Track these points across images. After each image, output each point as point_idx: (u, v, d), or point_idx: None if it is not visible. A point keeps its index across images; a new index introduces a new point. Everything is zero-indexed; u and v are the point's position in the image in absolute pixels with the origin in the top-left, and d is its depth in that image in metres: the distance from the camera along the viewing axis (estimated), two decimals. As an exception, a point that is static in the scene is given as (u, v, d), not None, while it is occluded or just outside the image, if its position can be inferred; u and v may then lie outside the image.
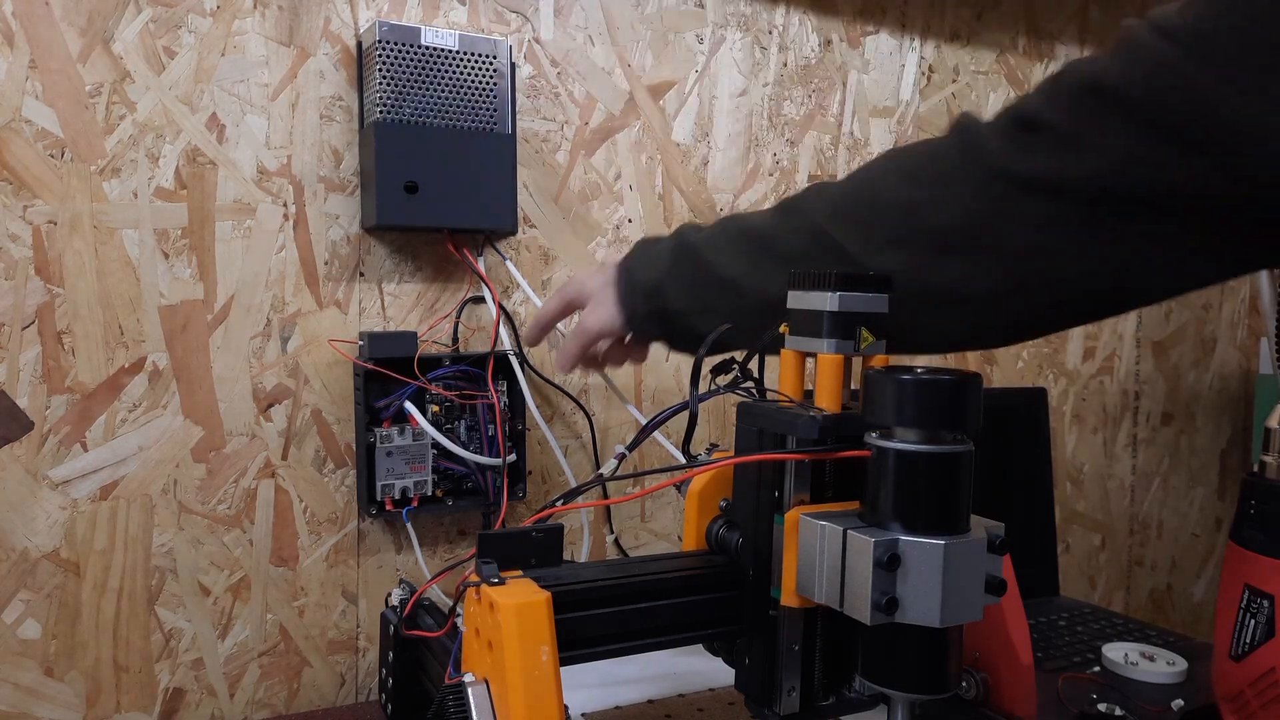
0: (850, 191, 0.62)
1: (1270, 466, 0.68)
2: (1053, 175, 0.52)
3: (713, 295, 0.67)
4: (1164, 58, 0.48)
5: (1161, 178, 0.49)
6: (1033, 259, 0.54)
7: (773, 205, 0.68)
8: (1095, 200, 0.51)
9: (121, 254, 0.79)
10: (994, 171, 0.54)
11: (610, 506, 1.00)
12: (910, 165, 0.60)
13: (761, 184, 1.09)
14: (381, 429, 0.85)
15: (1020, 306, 0.57)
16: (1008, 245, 0.54)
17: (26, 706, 0.77)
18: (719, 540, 0.58)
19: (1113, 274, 0.53)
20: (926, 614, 0.46)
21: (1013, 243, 0.54)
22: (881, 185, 0.60)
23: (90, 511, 0.78)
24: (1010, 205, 0.54)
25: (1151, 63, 0.49)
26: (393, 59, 0.82)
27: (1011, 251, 0.54)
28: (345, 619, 0.89)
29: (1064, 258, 0.54)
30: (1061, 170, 0.52)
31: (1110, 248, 0.52)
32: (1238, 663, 0.66)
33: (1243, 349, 1.54)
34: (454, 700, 0.49)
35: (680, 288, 0.70)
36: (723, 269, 0.66)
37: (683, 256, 0.70)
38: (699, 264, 0.68)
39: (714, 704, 0.73)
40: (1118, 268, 0.53)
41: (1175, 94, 0.48)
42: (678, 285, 0.70)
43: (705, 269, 0.68)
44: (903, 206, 0.58)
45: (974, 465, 0.48)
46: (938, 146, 0.58)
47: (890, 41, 1.17)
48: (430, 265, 0.91)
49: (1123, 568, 1.44)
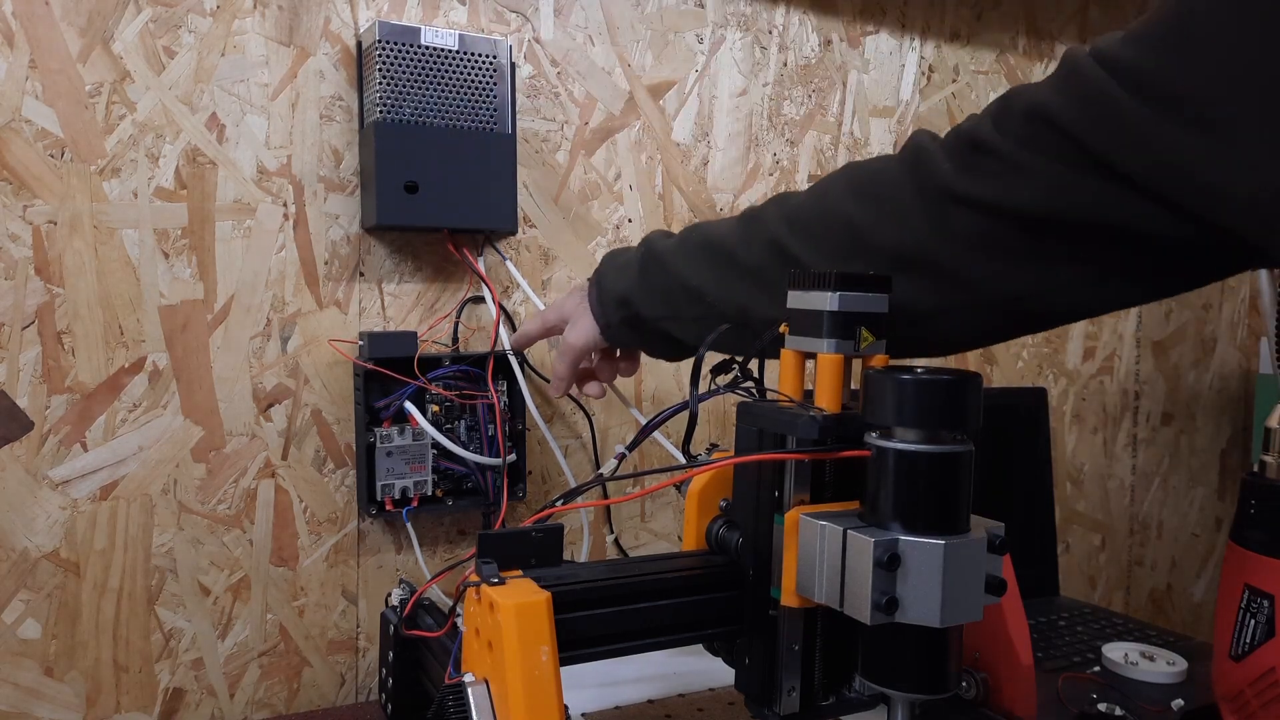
0: (807, 204, 0.63)
1: (1270, 466, 0.68)
2: (994, 198, 0.53)
3: (681, 303, 0.69)
4: (1104, 90, 0.48)
5: (1096, 208, 0.50)
6: (973, 278, 0.55)
7: (738, 213, 0.69)
8: (1032, 225, 0.52)
9: (121, 254, 0.79)
10: (940, 191, 0.55)
11: (610, 506, 1.00)
12: (862, 182, 0.60)
13: (761, 184, 1.09)
14: (381, 429, 0.85)
15: (960, 322, 0.58)
16: (949, 264, 0.55)
17: (26, 706, 0.77)
18: (719, 540, 0.59)
19: (1049, 294, 0.55)
20: (926, 614, 0.46)
21: (955, 262, 0.55)
22: (834, 200, 0.61)
23: (90, 511, 0.78)
24: (954, 225, 0.54)
25: (1091, 93, 0.48)
26: (393, 59, 0.82)
27: (953, 271, 0.55)
28: (345, 619, 0.89)
29: (1003, 278, 0.55)
30: (1003, 194, 0.52)
31: (1046, 271, 0.54)
32: (1238, 663, 0.66)
33: (1243, 349, 1.54)
34: (454, 700, 0.49)
35: (649, 296, 0.71)
36: (688, 278, 0.68)
37: (650, 265, 0.71)
38: (665, 272, 0.70)
39: (714, 704, 0.73)
40: (1053, 288, 0.54)
41: (1113, 125, 0.48)
42: (646, 294, 0.71)
43: (671, 277, 0.69)
44: (852, 223, 0.59)
45: (974, 465, 0.48)
46: (889, 165, 0.59)
47: (890, 41, 1.17)
48: (430, 265, 0.91)
49: (1123, 568, 1.44)
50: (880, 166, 0.60)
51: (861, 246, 0.58)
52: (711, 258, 0.67)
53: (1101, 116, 0.48)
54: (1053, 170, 0.50)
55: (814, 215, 0.62)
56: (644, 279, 0.72)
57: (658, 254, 0.71)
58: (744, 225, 0.66)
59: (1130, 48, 0.48)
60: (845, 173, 0.63)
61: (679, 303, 0.69)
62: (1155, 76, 0.46)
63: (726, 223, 0.68)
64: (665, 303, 0.70)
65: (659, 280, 0.70)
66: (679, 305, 0.69)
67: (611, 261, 0.77)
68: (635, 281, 0.72)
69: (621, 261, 0.75)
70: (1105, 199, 0.49)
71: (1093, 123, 0.48)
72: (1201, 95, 0.45)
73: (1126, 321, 1.41)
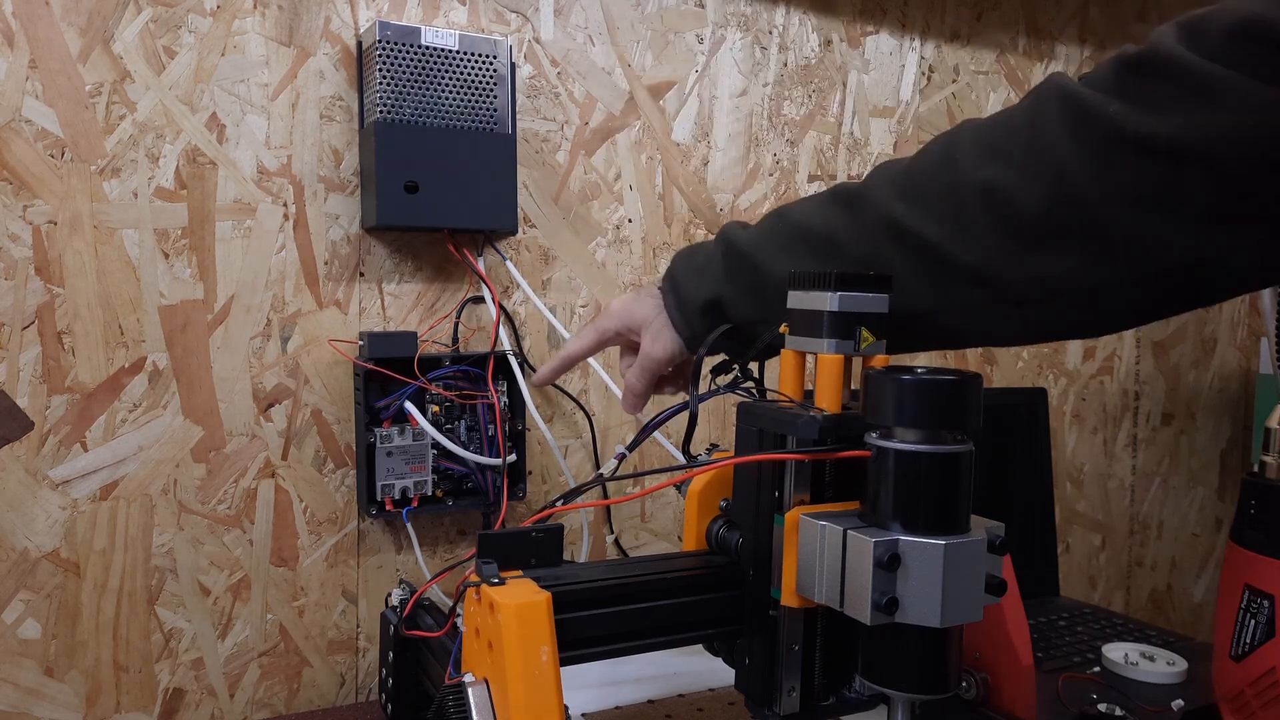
0: (926, 173, 0.54)
1: (1270, 466, 0.68)
2: (1182, 135, 0.44)
3: (778, 302, 0.58)
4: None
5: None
6: (1144, 241, 0.47)
7: (827, 193, 0.61)
8: (1230, 169, 0.43)
9: (121, 254, 0.79)
10: (1108, 135, 0.46)
11: (610, 506, 1.00)
12: (995, 139, 0.52)
13: (761, 184, 1.09)
14: (381, 429, 0.85)
15: (1123, 297, 0.49)
16: (1116, 226, 0.47)
17: (26, 706, 0.77)
18: (719, 540, 0.58)
19: (1233, 258, 0.46)
20: (926, 614, 0.46)
21: (1122, 221, 0.47)
22: (963, 164, 0.53)
23: (90, 511, 0.78)
24: (1124, 176, 0.46)
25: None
26: (393, 59, 0.82)
27: (1120, 234, 0.47)
28: (345, 619, 0.89)
29: (1182, 240, 0.46)
30: (1195, 129, 0.43)
31: (1233, 230, 0.45)
32: (1238, 663, 0.66)
33: (1243, 349, 1.54)
34: (454, 700, 0.49)
35: (740, 299, 0.63)
36: (783, 278, 0.58)
37: (736, 265, 0.63)
38: (757, 272, 0.62)
39: (714, 704, 0.73)
40: (1240, 252, 0.46)
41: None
42: (737, 297, 0.63)
43: (765, 276, 0.61)
44: (990, 188, 0.51)
45: (974, 465, 0.48)
46: (1027, 115, 0.51)
47: (890, 41, 1.17)
48: (430, 265, 0.91)
49: (1123, 568, 1.44)
50: (1017, 118, 0.51)
51: (1002, 216, 0.50)
52: (812, 250, 0.59)
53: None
54: (1268, 97, 0.42)
55: (937, 185, 0.53)
56: (732, 281, 0.63)
57: (743, 251, 0.62)
58: (846, 208, 0.58)
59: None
60: (968, 132, 0.54)
61: (775, 303, 0.58)
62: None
63: (819, 206, 0.60)
64: (760, 305, 0.61)
65: (749, 280, 0.62)
66: (775, 306, 0.58)
67: (688, 262, 0.67)
68: (721, 283, 0.64)
69: (700, 261, 0.66)
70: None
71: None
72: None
73: (1126, 321, 1.41)
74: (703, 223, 1.05)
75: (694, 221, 1.05)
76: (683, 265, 0.68)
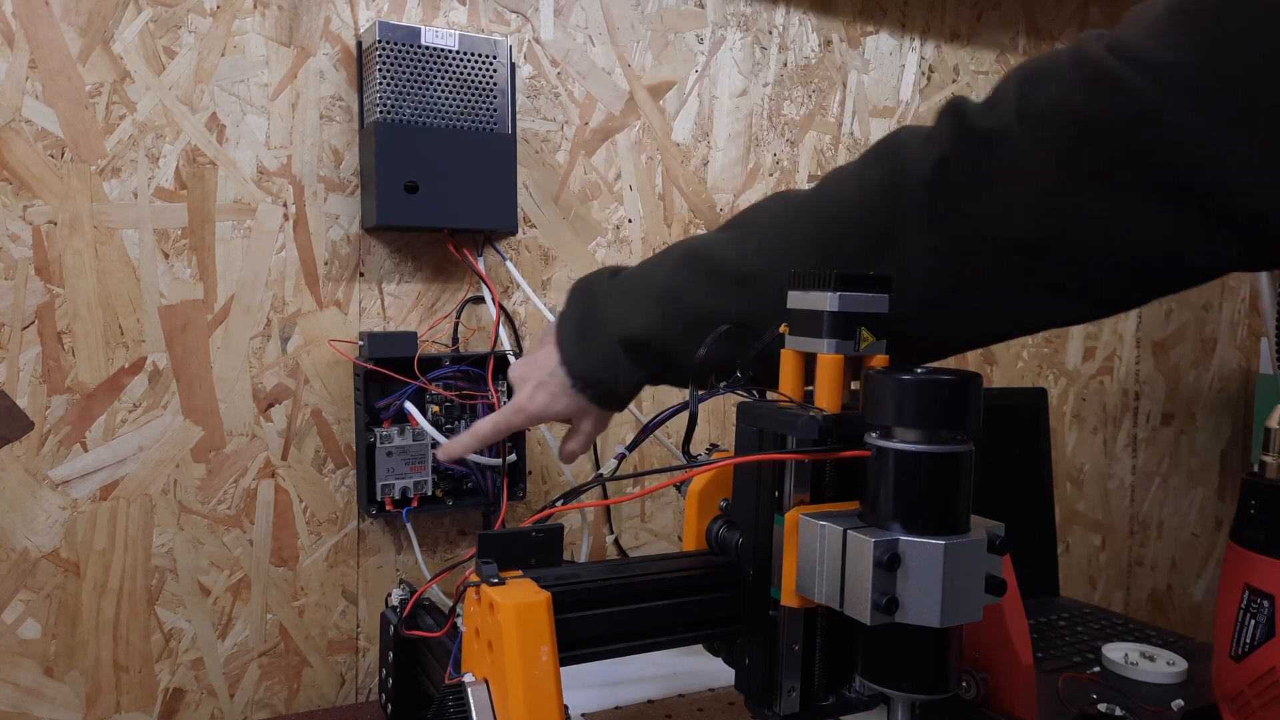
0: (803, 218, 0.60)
1: (1270, 466, 0.68)
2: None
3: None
4: (1137, 91, 0.45)
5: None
6: (998, 314, 0.56)
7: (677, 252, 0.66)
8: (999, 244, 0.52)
9: (121, 254, 0.79)
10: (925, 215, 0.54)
11: (610, 506, 1.00)
12: (840, 231, 0.58)
13: (761, 184, 1.09)
14: (381, 429, 0.85)
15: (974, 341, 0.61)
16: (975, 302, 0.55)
17: (26, 706, 0.77)
18: (719, 540, 0.58)
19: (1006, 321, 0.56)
20: (926, 614, 0.46)
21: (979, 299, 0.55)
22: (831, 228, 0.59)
23: (90, 511, 0.78)
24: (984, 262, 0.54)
25: (1124, 97, 0.46)
26: (393, 59, 0.82)
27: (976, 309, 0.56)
28: (345, 619, 0.89)
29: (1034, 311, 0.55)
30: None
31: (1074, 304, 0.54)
32: (1238, 663, 0.66)
33: (1243, 349, 1.54)
34: (454, 700, 0.49)
35: (664, 332, 0.66)
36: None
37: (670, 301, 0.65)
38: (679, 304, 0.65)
39: (714, 704, 0.73)
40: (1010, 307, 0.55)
41: (1153, 134, 0.45)
42: (662, 329, 0.66)
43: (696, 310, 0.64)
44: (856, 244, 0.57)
45: (974, 465, 0.48)
46: (884, 219, 0.56)
47: (890, 41, 1.17)
48: (430, 265, 0.91)
49: (1123, 568, 1.44)
50: (866, 215, 0.57)
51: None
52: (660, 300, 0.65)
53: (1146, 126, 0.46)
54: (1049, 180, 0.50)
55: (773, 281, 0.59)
56: (663, 318, 0.66)
57: (669, 289, 0.65)
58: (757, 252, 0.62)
59: (1155, 44, 0.45)
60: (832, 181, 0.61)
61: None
62: (1191, 77, 0.44)
63: (728, 244, 0.64)
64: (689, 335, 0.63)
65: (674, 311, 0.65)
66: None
67: (581, 329, 0.69)
68: (657, 324, 0.66)
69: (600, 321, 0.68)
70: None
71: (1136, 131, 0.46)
72: (1247, 100, 0.43)
73: (1126, 321, 1.41)
74: (703, 223, 1.05)
75: (694, 221, 1.05)
76: (577, 334, 0.70)
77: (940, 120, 0.56)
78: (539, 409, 0.72)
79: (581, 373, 0.69)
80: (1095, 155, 0.48)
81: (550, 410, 0.72)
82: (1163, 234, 0.48)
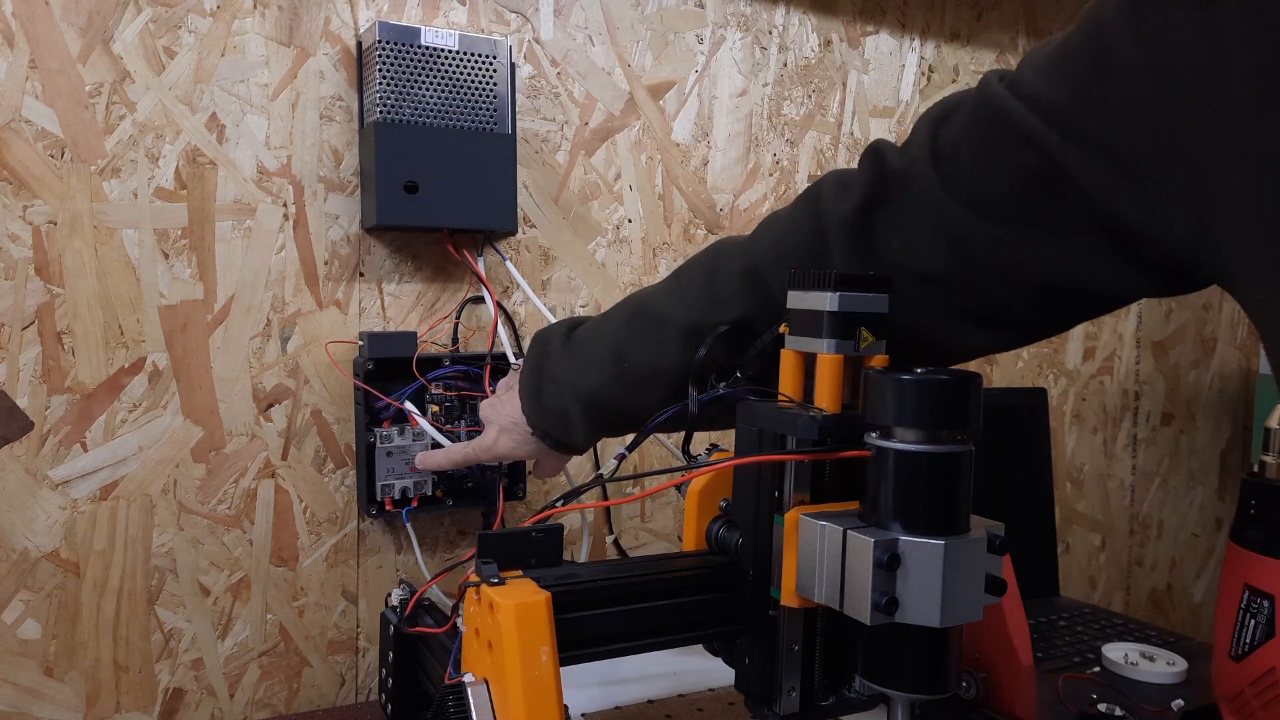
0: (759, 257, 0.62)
1: (1270, 466, 0.68)
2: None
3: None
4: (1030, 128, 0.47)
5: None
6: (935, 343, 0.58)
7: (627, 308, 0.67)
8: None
9: (121, 254, 0.79)
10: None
11: (610, 507, 1.00)
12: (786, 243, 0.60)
13: (761, 184, 1.09)
14: (381, 429, 0.85)
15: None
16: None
17: (26, 706, 0.77)
18: (719, 540, 0.58)
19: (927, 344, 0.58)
20: (926, 614, 0.46)
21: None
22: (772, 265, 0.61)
23: (90, 511, 0.78)
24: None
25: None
26: (392, 59, 0.82)
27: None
28: (345, 619, 0.89)
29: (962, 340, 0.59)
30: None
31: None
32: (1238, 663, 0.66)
33: (1243, 349, 1.54)
34: (454, 700, 0.49)
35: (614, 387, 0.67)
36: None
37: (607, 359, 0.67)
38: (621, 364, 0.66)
39: (714, 704, 0.73)
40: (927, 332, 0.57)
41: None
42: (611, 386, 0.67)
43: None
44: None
45: (974, 465, 0.48)
46: (812, 246, 0.58)
47: (890, 41, 1.17)
48: (430, 265, 0.91)
49: (1123, 568, 1.44)
50: (805, 246, 0.59)
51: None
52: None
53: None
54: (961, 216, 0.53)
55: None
56: (610, 369, 0.67)
57: (607, 352, 0.67)
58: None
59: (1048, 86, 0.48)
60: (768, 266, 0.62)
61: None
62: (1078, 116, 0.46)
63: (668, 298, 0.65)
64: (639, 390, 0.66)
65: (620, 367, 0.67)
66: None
67: (539, 387, 0.71)
68: (602, 375, 0.68)
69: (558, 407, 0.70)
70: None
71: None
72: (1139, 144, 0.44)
73: (1126, 321, 1.41)
74: (702, 223, 1.05)
75: (694, 221, 1.05)
76: (537, 392, 0.71)
77: (862, 162, 0.58)
78: (504, 452, 0.76)
79: (539, 425, 0.72)
80: (999, 192, 0.50)
81: (515, 453, 0.76)
82: (1070, 267, 0.50)
